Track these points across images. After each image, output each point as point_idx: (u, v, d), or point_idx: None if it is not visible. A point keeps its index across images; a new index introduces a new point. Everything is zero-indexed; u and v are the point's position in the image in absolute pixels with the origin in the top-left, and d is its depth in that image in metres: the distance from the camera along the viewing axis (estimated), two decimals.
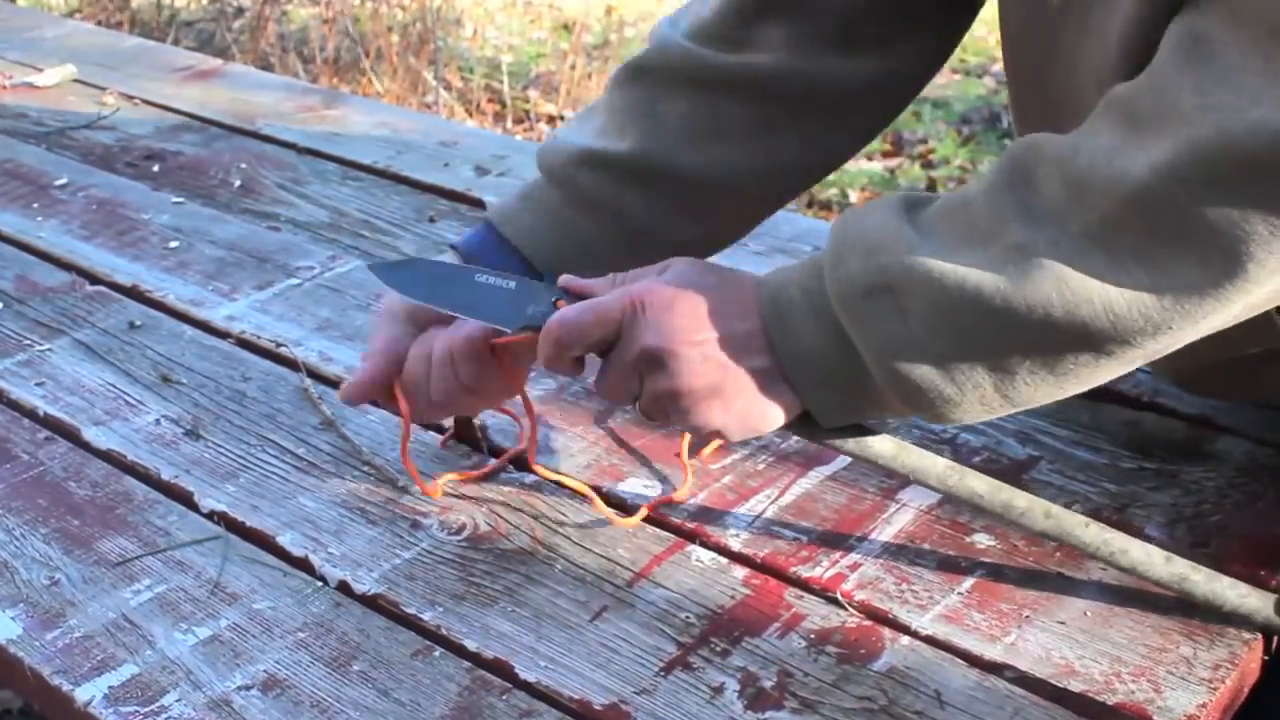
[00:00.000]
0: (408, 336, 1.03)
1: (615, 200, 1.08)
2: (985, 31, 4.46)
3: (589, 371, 0.96)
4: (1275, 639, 0.94)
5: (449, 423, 1.16)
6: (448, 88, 4.41)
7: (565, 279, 0.96)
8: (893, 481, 1.08)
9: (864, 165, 3.95)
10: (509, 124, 4.34)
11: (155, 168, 1.76)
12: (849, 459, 1.10)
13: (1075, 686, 0.89)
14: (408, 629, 0.96)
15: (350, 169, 1.74)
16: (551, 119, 4.37)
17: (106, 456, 1.17)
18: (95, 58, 2.19)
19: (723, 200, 1.11)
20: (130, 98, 2.01)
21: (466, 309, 0.99)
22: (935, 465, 0.92)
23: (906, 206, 0.85)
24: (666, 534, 1.05)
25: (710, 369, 0.88)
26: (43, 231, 1.59)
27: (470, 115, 4.36)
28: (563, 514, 1.07)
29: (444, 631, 0.96)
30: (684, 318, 0.89)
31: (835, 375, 0.87)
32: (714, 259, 1.00)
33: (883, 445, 0.92)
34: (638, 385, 0.92)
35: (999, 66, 4.23)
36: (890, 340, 0.83)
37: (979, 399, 0.84)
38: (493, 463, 1.12)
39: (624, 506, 1.08)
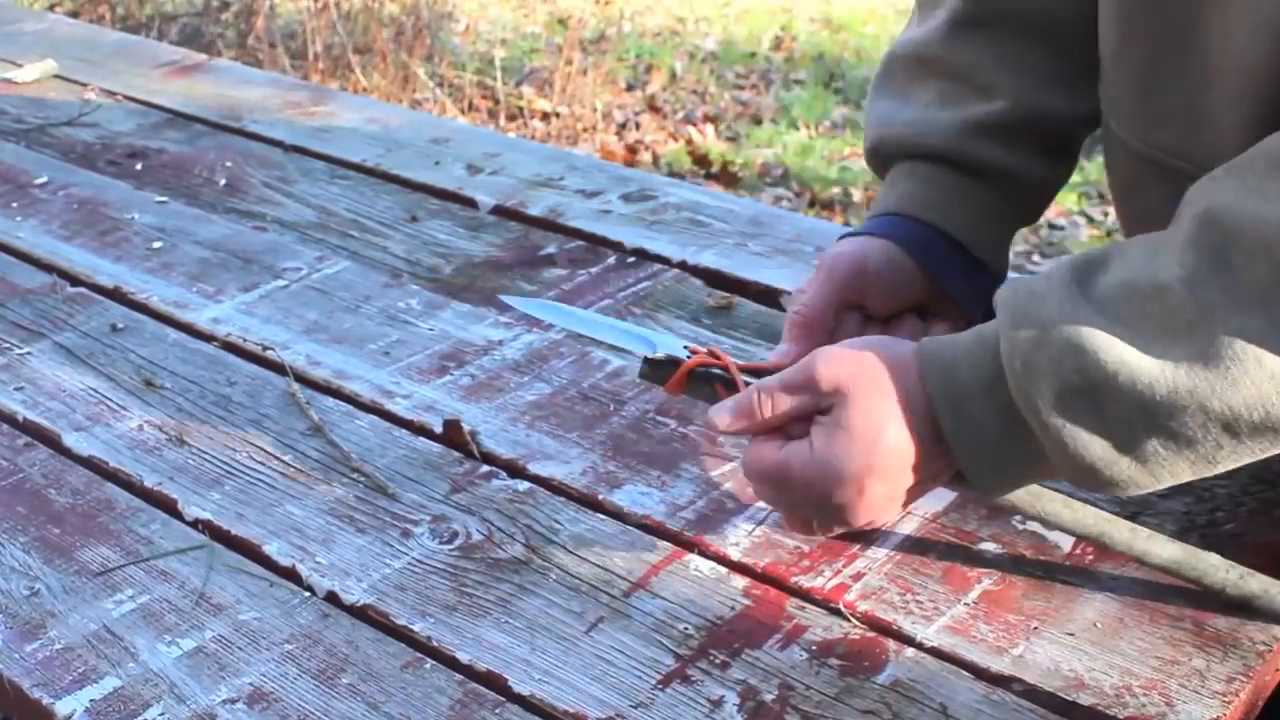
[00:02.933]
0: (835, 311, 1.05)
1: (1009, 166, 1.07)
2: None
3: (584, 373, 0.96)
4: None
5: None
6: (440, 83, 4.42)
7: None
8: None
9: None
10: (502, 121, 4.34)
11: (138, 166, 1.76)
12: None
13: (1085, 700, 0.89)
14: (398, 640, 0.96)
15: (339, 167, 1.74)
16: (546, 116, 4.38)
17: (88, 463, 1.17)
18: (76, 53, 2.18)
19: (1076, 135, 1.12)
20: (112, 94, 2.01)
21: (596, 331, 1.06)
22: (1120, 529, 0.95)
23: (1079, 282, 0.84)
24: (664, 543, 1.04)
25: (884, 500, 0.91)
26: (22, 232, 1.59)
27: (462, 112, 4.36)
28: (557, 522, 1.07)
29: (435, 643, 0.96)
30: (864, 480, 0.89)
31: (1009, 463, 0.88)
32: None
33: (1119, 530, 0.94)
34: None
35: None
36: (1088, 445, 0.83)
37: (1170, 480, 0.84)
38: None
39: (622, 514, 1.08)
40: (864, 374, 0.89)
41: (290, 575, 1.03)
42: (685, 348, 0.99)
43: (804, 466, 0.90)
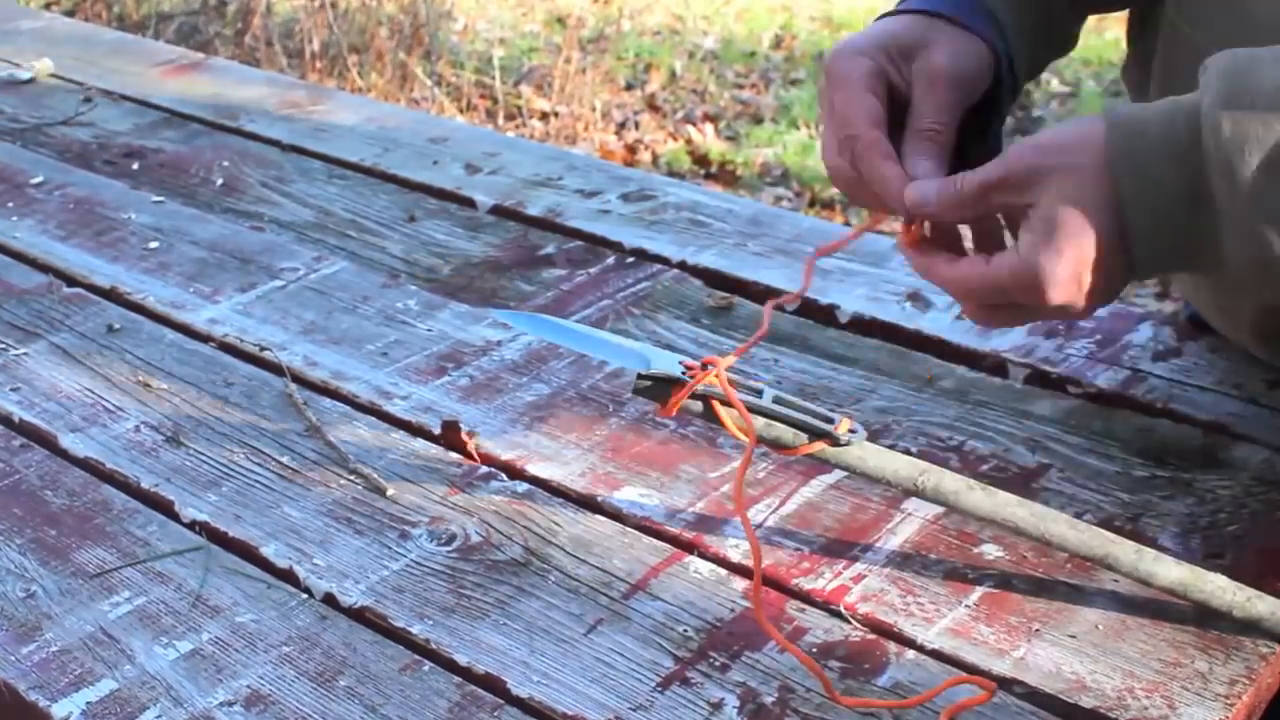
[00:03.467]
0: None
1: None
2: None
3: (583, 374, 0.96)
4: None
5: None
6: (438, 82, 4.42)
7: None
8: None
9: None
10: (500, 121, 4.34)
11: (134, 165, 1.76)
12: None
13: (1086, 702, 0.89)
14: (396, 643, 0.96)
15: (336, 167, 1.74)
16: (544, 115, 4.38)
17: (84, 464, 1.17)
18: (73, 51, 2.18)
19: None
20: (109, 93, 2.01)
21: (593, 349, 1.04)
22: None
23: None
24: (664, 545, 1.04)
25: (1079, 291, 0.88)
26: (18, 232, 1.59)
27: (461, 111, 4.36)
28: (556, 524, 1.07)
29: (433, 645, 0.96)
30: (1070, 283, 0.88)
31: (1176, 238, 0.85)
32: None
33: (1124, 552, 0.93)
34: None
35: None
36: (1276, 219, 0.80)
37: None
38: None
39: (621, 516, 1.08)
40: (1061, 164, 0.87)
41: (288, 577, 1.03)
42: (680, 364, 0.97)
43: (1016, 276, 0.89)
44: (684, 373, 0.95)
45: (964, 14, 1.01)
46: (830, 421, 0.95)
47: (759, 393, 0.96)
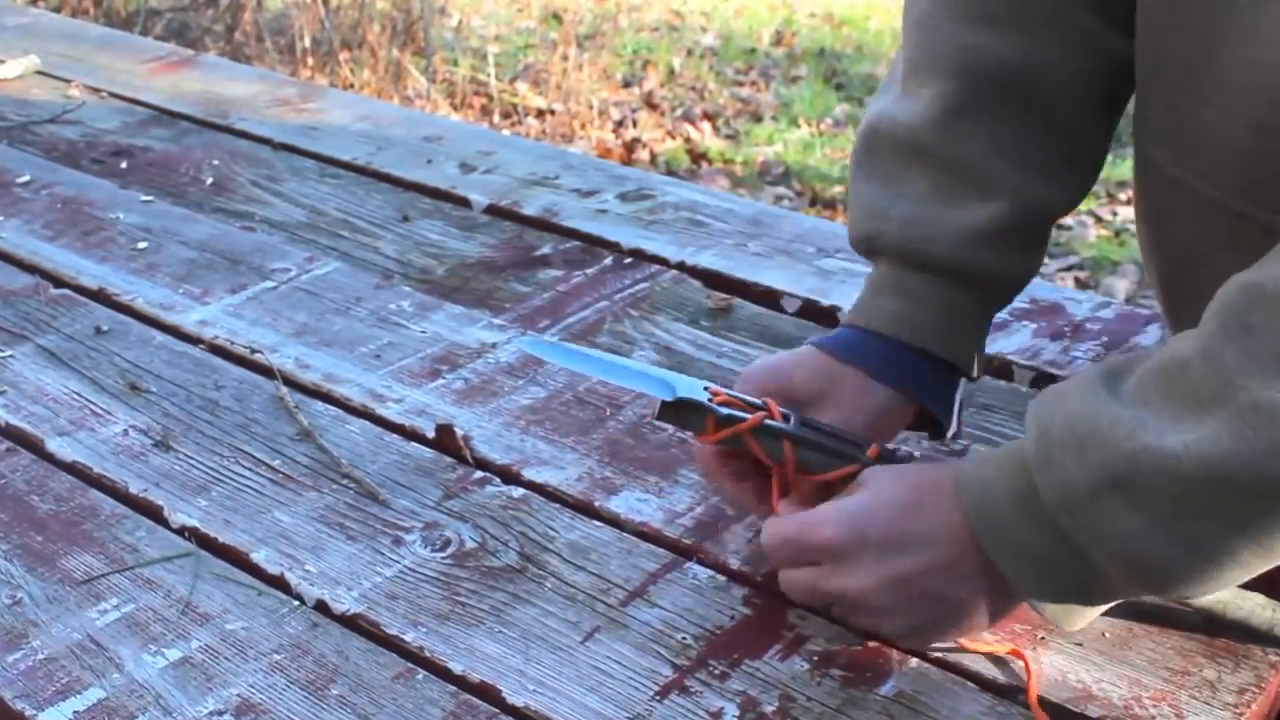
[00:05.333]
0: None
1: (1005, 268, 1.04)
2: None
3: (580, 377, 0.96)
4: None
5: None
6: (432, 79, 4.42)
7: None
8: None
9: None
10: (496, 118, 4.34)
11: (123, 164, 1.76)
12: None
13: (1093, 711, 0.89)
14: (389, 651, 0.96)
15: (328, 166, 1.74)
16: (540, 113, 4.38)
17: (71, 469, 1.17)
18: (60, 48, 2.19)
19: (1057, 222, 1.10)
20: (97, 90, 2.01)
21: (616, 376, 1.04)
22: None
23: (1106, 380, 0.83)
24: (662, 551, 1.04)
25: (922, 605, 0.91)
26: (4, 232, 1.59)
27: (455, 109, 4.36)
28: (552, 530, 1.07)
29: (427, 653, 0.96)
30: (886, 561, 0.90)
31: (1064, 579, 0.86)
32: None
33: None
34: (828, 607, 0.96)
35: None
36: (1128, 538, 0.81)
37: (1235, 567, 0.81)
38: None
39: (618, 522, 1.08)
40: (898, 488, 0.92)
41: (279, 584, 1.03)
42: (706, 389, 0.98)
43: (830, 516, 0.92)
44: (710, 399, 0.97)
45: (880, 364, 1.03)
46: (860, 448, 0.97)
47: (787, 417, 0.97)
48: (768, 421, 0.96)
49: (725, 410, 0.97)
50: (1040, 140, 1.03)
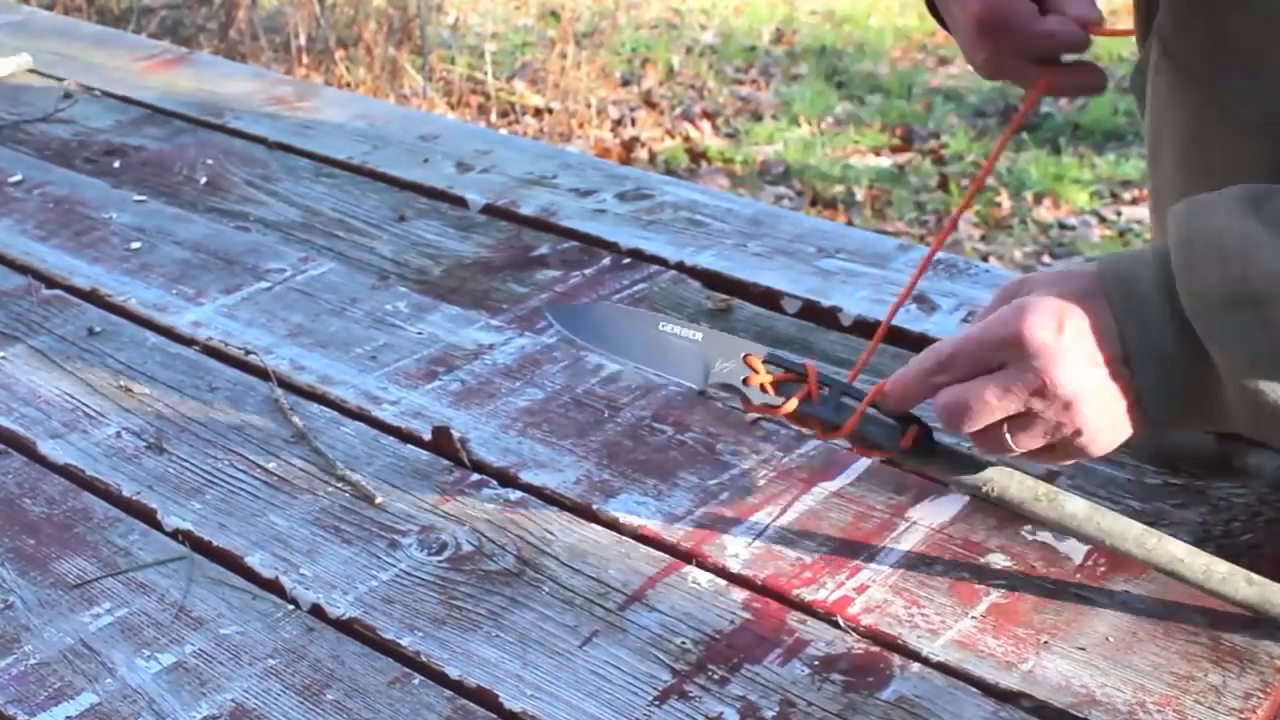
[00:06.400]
0: None
1: None
2: None
3: (578, 378, 0.96)
4: None
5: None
6: (429, 78, 4.42)
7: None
8: (902, 498, 1.08)
9: (871, 161, 3.96)
10: (493, 117, 4.34)
11: (116, 163, 1.76)
12: (854, 474, 1.10)
13: (1097, 717, 0.89)
14: (385, 655, 0.96)
15: (324, 165, 1.74)
16: (538, 111, 4.38)
17: (64, 471, 1.17)
18: (52, 46, 2.18)
19: None
20: (90, 89, 2.01)
21: (651, 362, 1.03)
22: (1131, 529, 0.94)
23: (1252, 203, 0.84)
24: (661, 554, 1.04)
25: (1092, 405, 0.88)
26: None
27: (452, 108, 4.36)
28: (550, 533, 1.07)
29: (424, 658, 0.96)
30: (1076, 348, 0.87)
31: (1181, 383, 0.86)
32: None
33: (1076, 506, 0.93)
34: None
35: None
36: (1253, 356, 0.82)
37: None
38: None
39: (617, 525, 1.08)
40: (1050, 292, 0.88)
41: (273, 588, 1.03)
42: (745, 358, 0.98)
43: (994, 319, 0.89)
44: (746, 378, 0.98)
45: None
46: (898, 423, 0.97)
47: (824, 385, 0.98)
48: (802, 409, 0.97)
49: (759, 398, 0.97)
50: None
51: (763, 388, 0.97)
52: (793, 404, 0.97)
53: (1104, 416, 0.88)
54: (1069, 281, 0.88)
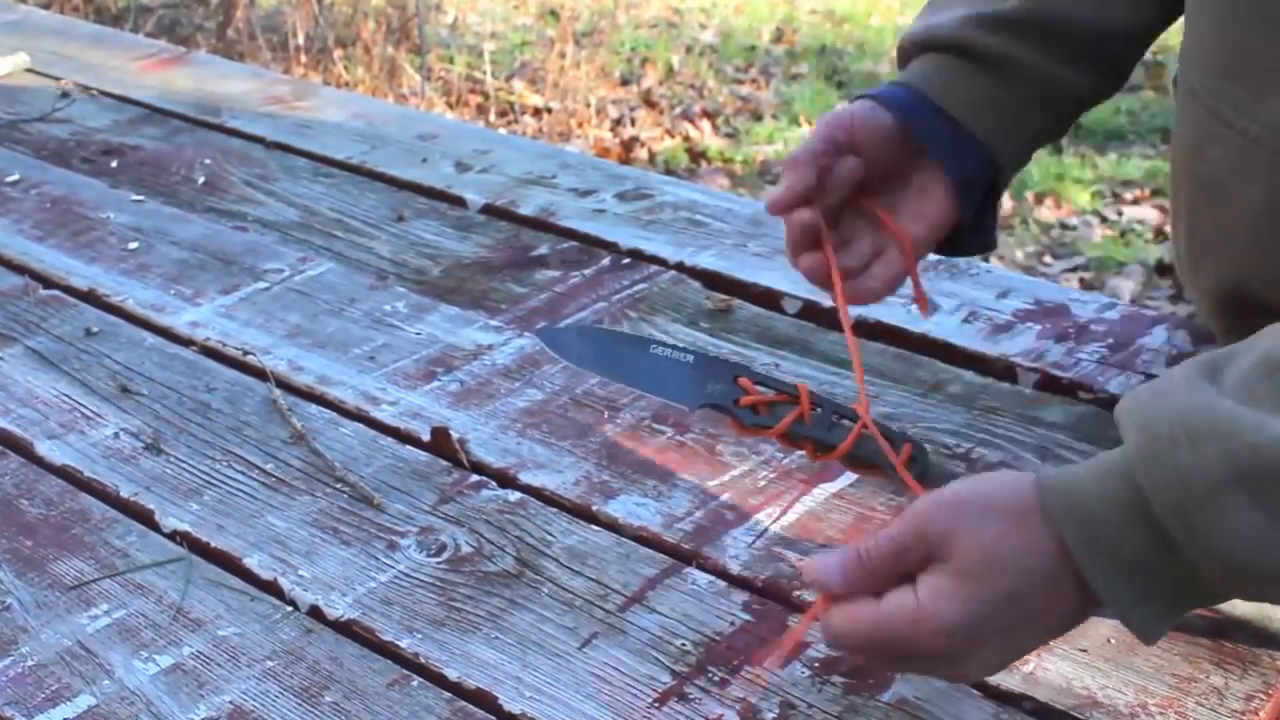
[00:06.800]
0: (827, 153, 1.07)
1: (1013, 57, 1.10)
2: None
3: (577, 379, 0.96)
4: None
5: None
6: (427, 77, 4.42)
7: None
8: (903, 499, 1.08)
9: None
10: (492, 117, 4.34)
11: (113, 163, 1.76)
12: (855, 475, 1.10)
13: (1098, 719, 0.89)
14: (384, 657, 0.96)
15: (322, 165, 1.74)
16: (538, 111, 4.38)
17: (61, 472, 1.17)
18: (49, 45, 2.18)
19: (1108, 47, 1.13)
20: (87, 88, 2.01)
21: (642, 383, 1.03)
22: None
23: (1206, 375, 0.78)
24: (661, 556, 1.05)
25: (1015, 640, 0.82)
26: None
27: (450, 107, 4.36)
28: (550, 534, 1.07)
29: (422, 660, 0.96)
30: (980, 585, 0.79)
31: (1159, 588, 0.79)
32: None
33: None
34: (907, 654, 0.83)
35: None
36: (1247, 538, 0.74)
37: None
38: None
39: (616, 526, 1.08)
40: (980, 520, 0.81)
41: (272, 589, 1.03)
42: (737, 380, 0.98)
43: (906, 619, 0.80)
44: (738, 399, 0.98)
45: (879, 93, 1.10)
46: (893, 441, 0.98)
47: (816, 405, 0.98)
48: (794, 430, 0.97)
49: (751, 420, 0.97)
50: None
51: (755, 409, 0.97)
52: (784, 425, 0.96)
53: (1017, 650, 0.83)
54: (999, 545, 0.80)
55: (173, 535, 1.09)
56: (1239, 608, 0.93)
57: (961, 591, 0.79)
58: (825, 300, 1.37)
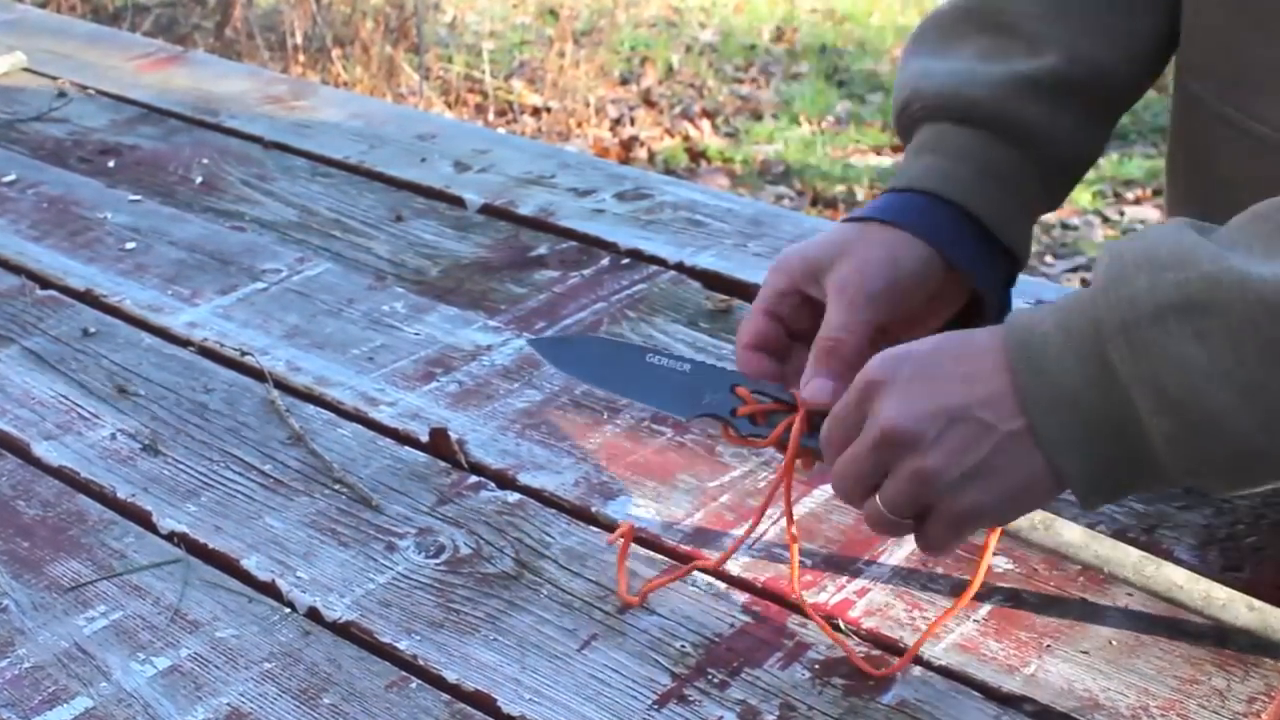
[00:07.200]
0: (791, 295, 0.99)
1: (1053, 126, 1.01)
2: None
3: (576, 380, 0.96)
4: None
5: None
6: (426, 76, 4.42)
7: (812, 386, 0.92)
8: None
9: (872, 160, 3.96)
10: (491, 116, 4.34)
11: (111, 163, 1.76)
12: None
13: None
14: (382, 659, 0.96)
15: (320, 164, 1.74)
16: (536, 110, 4.38)
17: (58, 474, 1.17)
18: (46, 44, 2.18)
19: (1126, 104, 1.07)
20: (84, 87, 2.01)
21: (638, 393, 1.02)
22: (1129, 556, 0.93)
23: (1194, 226, 0.78)
24: (661, 557, 1.05)
25: (960, 441, 0.81)
26: None
27: (449, 107, 4.36)
28: (549, 535, 1.07)
29: (421, 662, 0.96)
30: (923, 386, 0.82)
31: (1098, 432, 0.78)
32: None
33: (1073, 534, 0.93)
34: (880, 476, 0.85)
35: None
36: (1183, 372, 0.74)
37: None
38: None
39: (615, 528, 1.08)
40: (934, 343, 0.84)
41: (270, 591, 1.03)
42: (734, 390, 0.97)
43: (867, 431, 0.83)
44: (735, 409, 0.97)
45: (909, 215, 0.97)
46: None
47: (813, 419, 0.97)
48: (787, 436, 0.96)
49: (748, 429, 0.96)
50: (1099, 2, 1.02)
51: (751, 419, 0.97)
52: (777, 434, 0.96)
53: (970, 462, 0.82)
54: (949, 358, 0.83)
55: (170, 536, 1.09)
56: (1240, 617, 0.92)
57: (907, 391, 0.82)
58: None
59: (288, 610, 1.01)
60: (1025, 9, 1.02)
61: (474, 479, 1.14)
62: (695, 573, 1.02)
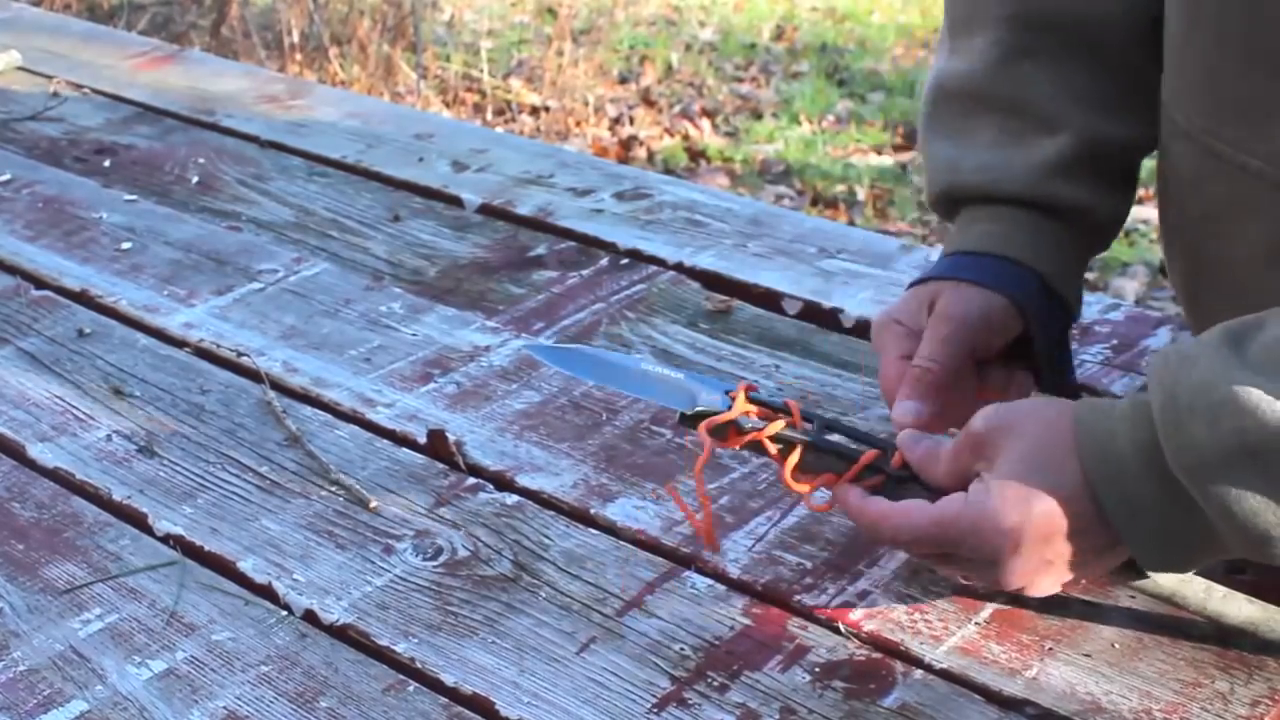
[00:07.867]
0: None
1: (1086, 198, 1.09)
2: None
3: (575, 381, 0.96)
4: None
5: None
6: (424, 75, 4.42)
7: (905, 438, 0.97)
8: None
9: (873, 160, 3.96)
10: (489, 115, 4.34)
11: (106, 163, 1.76)
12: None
13: None
14: (379, 662, 0.96)
15: (317, 164, 1.74)
16: (535, 110, 4.38)
17: (53, 475, 1.17)
18: (41, 43, 2.18)
19: (1138, 162, 1.13)
20: (80, 86, 2.01)
21: (636, 390, 1.05)
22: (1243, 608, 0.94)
23: (1233, 345, 0.83)
24: (660, 559, 1.05)
25: (1040, 561, 0.89)
26: None
27: (447, 106, 4.36)
28: (547, 537, 1.07)
29: (419, 665, 0.96)
30: (1016, 492, 0.88)
31: (1175, 540, 0.86)
32: None
33: (1193, 590, 0.94)
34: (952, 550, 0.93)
35: None
36: (1258, 511, 0.81)
37: None
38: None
39: (615, 529, 1.08)
40: (1024, 439, 0.90)
41: (266, 593, 1.03)
42: (728, 394, 0.98)
43: (958, 516, 0.90)
44: (729, 404, 0.98)
45: (985, 274, 1.06)
46: (886, 454, 0.96)
47: (811, 419, 0.97)
48: (786, 431, 0.96)
49: (749, 424, 0.97)
50: (1097, 77, 1.08)
51: (747, 411, 0.97)
52: (767, 433, 0.96)
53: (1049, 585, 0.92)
54: (1037, 468, 0.88)
55: (166, 539, 1.09)
56: (1241, 613, 0.92)
57: (1005, 498, 0.88)
58: (825, 301, 1.37)
59: (284, 613, 1.01)
60: (1033, 90, 1.09)
61: (472, 481, 1.14)
62: (694, 575, 1.02)
